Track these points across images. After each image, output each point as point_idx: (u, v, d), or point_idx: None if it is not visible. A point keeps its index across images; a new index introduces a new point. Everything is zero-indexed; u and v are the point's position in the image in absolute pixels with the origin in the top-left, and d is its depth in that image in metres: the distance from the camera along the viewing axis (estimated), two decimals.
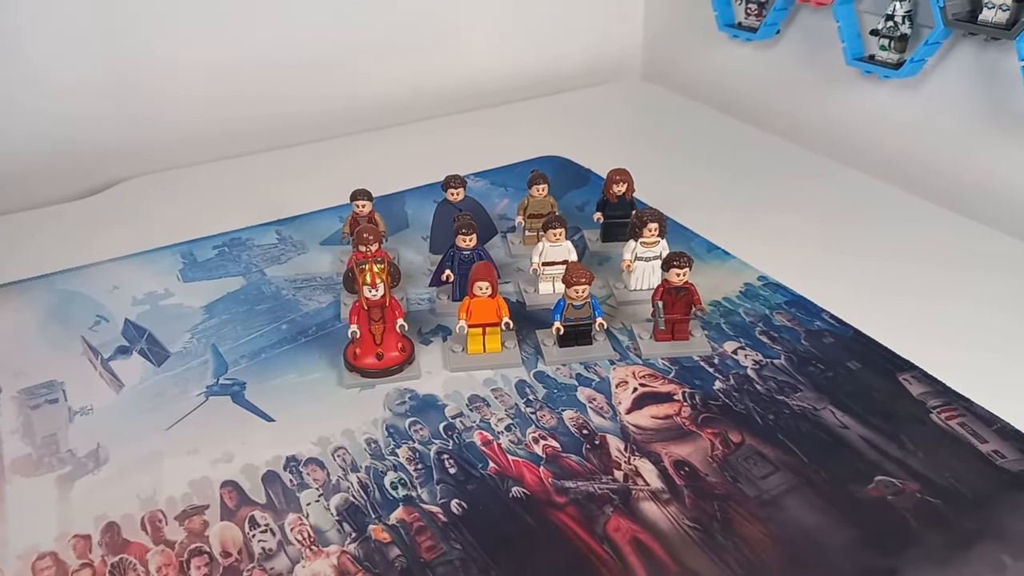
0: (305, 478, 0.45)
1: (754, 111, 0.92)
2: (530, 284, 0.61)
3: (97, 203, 0.76)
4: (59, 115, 0.79)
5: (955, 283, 0.61)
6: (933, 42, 0.70)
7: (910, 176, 0.77)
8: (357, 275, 0.50)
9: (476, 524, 0.42)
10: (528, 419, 0.49)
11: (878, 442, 0.47)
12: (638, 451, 0.46)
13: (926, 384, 0.51)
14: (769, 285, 0.61)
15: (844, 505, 0.43)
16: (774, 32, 0.88)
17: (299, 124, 0.90)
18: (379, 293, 0.50)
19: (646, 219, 0.57)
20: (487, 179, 0.78)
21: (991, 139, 0.71)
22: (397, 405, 0.50)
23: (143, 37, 0.79)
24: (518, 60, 1.01)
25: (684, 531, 0.41)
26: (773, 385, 0.51)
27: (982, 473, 0.44)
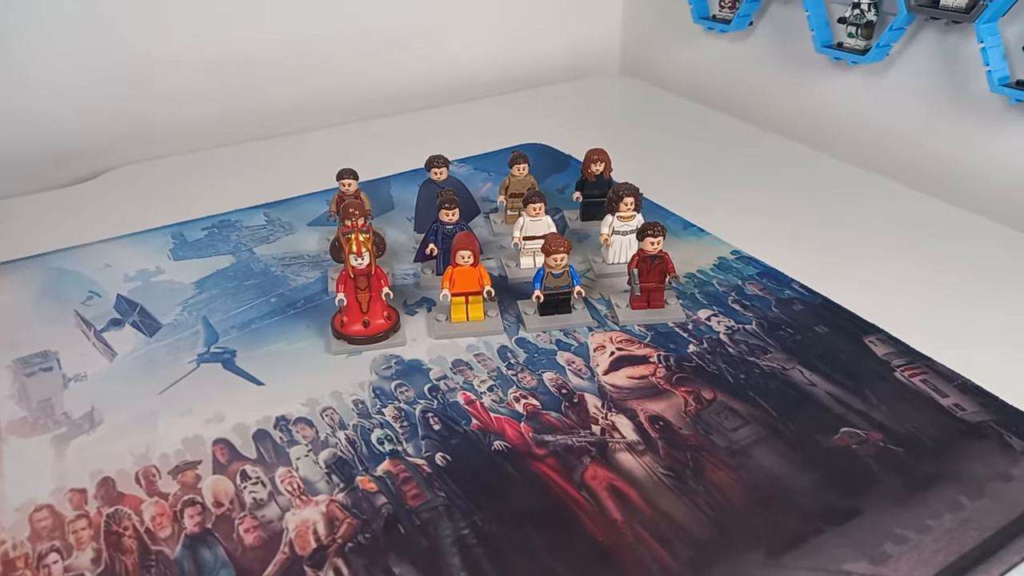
0: (295, 435, 0.46)
1: (729, 100, 0.95)
2: (512, 259, 0.63)
3: (88, 189, 0.77)
4: (52, 108, 0.80)
5: (920, 253, 0.63)
6: (898, 28, 0.73)
7: (876, 156, 0.79)
8: (343, 244, 0.52)
9: (459, 474, 0.44)
10: (510, 380, 0.51)
11: (844, 397, 0.49)
12: (614, 408, 0.48)
13: (890, 345, 0.53)
14: (742, 259, 0.63)
15: (810, 453, 0.45)
16: (747, 24, 0.91)
17: (286, 116, 0.91)
18: (365, 261, 0.52)
19: (622, 193, 0.59)
20: (470, 165, 0.80)
21: (953, 119, 0.74)
22: (383, 369, 0.52)
23: (133, 33, 0.81)
24: (501, 55, 1.04)
25: (658, 478, 0.43)
26: (744, 348, 0.53)
27: (942, 424, 0.47)
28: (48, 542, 0.40)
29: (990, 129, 0.71)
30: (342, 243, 0.52)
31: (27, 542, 0.40)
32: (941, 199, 0.71)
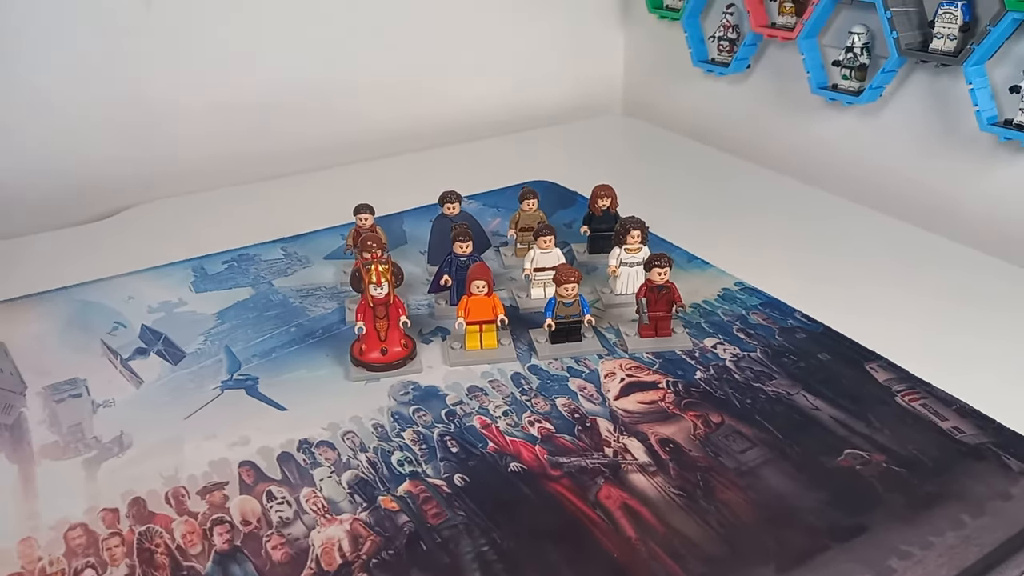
0: (318, 458, 0.48)
1: (729, 139, 0.98)
2: (523, 290, 0.65)
3: (110, 225, 0.80)
4: (75, 149, 0.84)
5: (916, 284, 0.66)
6: (889, 70, 0.76)
7: (871, 192, 0.82)
8: (363, 274, 0.54)
9: (478, 494, 0.45)
10: (524, 405, 0.52)
11: (847, 421, 0.51)
12: (626, 431, 0.50)
13: (891, 372, 0.55)
14: (745, 289, 0.66)
15: (816, 474, 0.46)
16: (745, 66, 0.94)
17: (300, 155, 0.95)
18: (384, 291, 0.54)
19: (629, 226, 0.62)
20: (480, 201, 0.82)
21: (945, 156, 0.77)
22: (401, 395, 0.54)
23: (151, 78, 0.85)
24: (509, 97, 1.07)
25: (670, 498, 0.45)
26: (750, 374, 0.55)
27: (942, 446, 0.48)
28: (83, 559, 0.41)
29: (980, 166, 0.74)
30: (362, 273, 0.55)
31: (63, 559, 0.41)
32: (935, 232, 0.73)
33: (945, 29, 0.70)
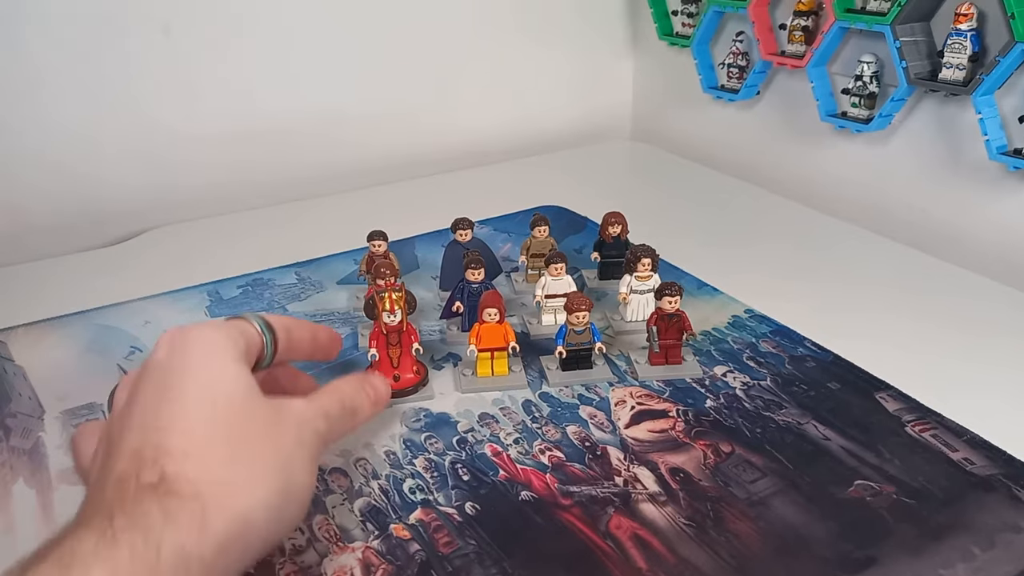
0: (330, 484, 0.48)
1: (738, 165, 0.99)
2: (533, 316, 0.65)
3: (128, 249, 0.81)
4: (93, 175, 0.85)
5: (927, 312, 0.66)
6: (899, 99, 0.77)
7: (881, 220, 0.83)
8: (377, 302, 0.55)
9: (489, 523, 0.46)
10: (535, 433, 0.53)
11: (857, 451, 0.51)
12: (636, 460, 0.50)
13: (901, 401, 0.55)
14: (755, 317, 0.66)
15: (826, 504, 0.47)
16: (754, 93, 0.95)
17: (315, 181, 0.96)
18: (397, 319, 0.55)
19: (639, 254, 0.62)
20: (491, 226, 0.83)
21: (955, 185, 0.77)
22: (413, 422, 0.54)
23: (172, 105, 0.86)
24: (519, 123, 1.09)
25: (680, 528, 0.45)
26: (760, 403, 0.56)
27: (953, 477, 0.48)
28: None
29: (990, 195, 0.74)
30: (375, 300, 0.55)
31: None
32: (945, 260, 0.73)
33: (954, 59, 0.71)
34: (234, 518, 0.33)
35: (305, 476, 0.38)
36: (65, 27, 0.79)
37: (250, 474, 0.35)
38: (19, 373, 0.60)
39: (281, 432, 0.38)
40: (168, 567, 0.30)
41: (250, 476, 0.35)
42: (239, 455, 0.35)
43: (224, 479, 0.34)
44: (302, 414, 0.40)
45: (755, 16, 0.88)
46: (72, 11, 0.78)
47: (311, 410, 0.41)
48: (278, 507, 0.35)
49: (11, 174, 0.81)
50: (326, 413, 0.42)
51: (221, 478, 0.34)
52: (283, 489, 0.36)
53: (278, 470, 0.36)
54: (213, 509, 0.32)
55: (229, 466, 0.34)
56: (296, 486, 0.37)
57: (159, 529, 0.31)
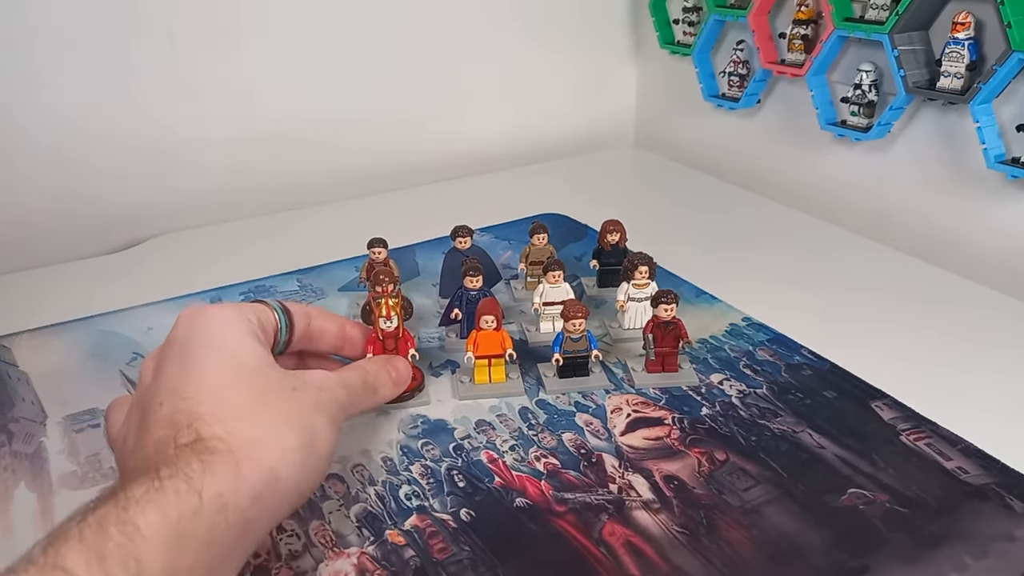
0: (327, 491, 0.49)
1: (738, 173, 0.99)
2: (532, 324, 0.66)
3: (130, 256, 0.82)
4: (97, 181, 0.86)
5: (924, 320, 0.66)
6: (897, 107, 0.77)
7: (880, 227, 0.83)
8: (373, 308, 0.55)
9: (483, 529, 0.46)
10: (531, 440, 0.53)
11: (851, 460, 0.51)
12: (631, 467, 0.51)
13: (896, 410, 0.55)
14: (752, 325, 0.66)
15: (819, 513, 0.47)
16: (755, 102, 0.96)
17: (317, 188, 0.97)
18: (393, 324, 0.55)
19: (636, 262, 0.63)
20: (491, 233, 0.84)
21: (954, 193, 0.77)
22: (410, 429, 0.54)
23: (175, 113, 0.87)
24: (521, 131, 1.09)
25: (673, 535, 0.45)
26: (755, 411, 0.56)
27: (947, 486, 0.49)
28: None
29: (989, 203, 0.74)
30: (372, 306, 0.56)
31: None
32: (944, 268, 0.74)
33: (952, 68, 0.71)
34: (265, 470, 0.36)
35: (326, 435, 0.41)
36: (71, 35, 0.80)
37: (275, 431, 0.38)
38: (23, 378, 0.60)
39: (300, 396, 0.41)
40: (209, 510, 0.34)
41: (275, 433, 0.38)
42: (263, 415, 0.39)
43: (252, 436, 0.37)
44: (322, 382, 0.44)
45: (755, 25, 0.88)
46: (78, 19, 0.79)
47: (331, 380, 0.45)
48: (303, 462, 0.39)
49: (17, 180, 0.82)
50: (346, 384, 0.46)
51: (250, 435, 0.37)
52: (307, 444, 0.39)
53: (300, 429, 0.40)
54: (245, 462, 0.36)
55: (256, 424, 0.38)
56: (319, 443, 0.41)
57: (199, 477, 0.34)
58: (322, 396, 0.43)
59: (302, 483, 0.39)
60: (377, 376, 0.50)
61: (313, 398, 0.42)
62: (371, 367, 0.50)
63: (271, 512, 0.37)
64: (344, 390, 0.45)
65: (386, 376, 0.51)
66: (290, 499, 0.39)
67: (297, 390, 0.42)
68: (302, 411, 0.41)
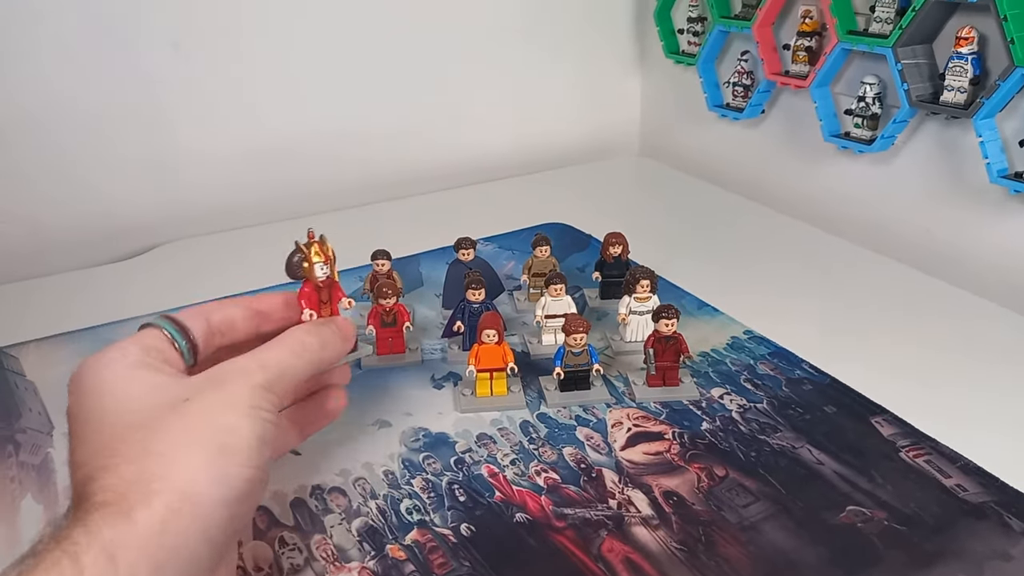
0: (329, 504, 0.49)
1: (742, 183, 0.99)
2: (534, 336, 0.66)
3: (137, 264, 0.83)
4: (104, 189, 0.87)
5: (926, 335, 0.66)
6: (901, 120, 0.77)
7: (883, 240, 0.83)
8: (307, 256, 0.49)
9: (483, 544, 0.46)
10: (531, 454, 0.54)
11: (850, 476, 0.51)
12: (631, 483, 0.51)
13: (896, 426, 0.56)
14: (754, 338, 0.66)
15: (817, 530, 0.47)
16: (759, 112, 0.96)
17: (323, 197, 0.97)
18: (328, 271, 0.49)
19: (638, 276, 0.63)
20: (495, 243, 0.84)
21: (957, 206, 0.77)
22: (412, 442, 0.55)
23: (183, 123, 0.88)
24: (526, 139, 1.10)
25: (672, 552, 0.46)
26: (755, 426, 0.56)
27: (945, 504, 0.49)
28: None
29: (992, 217, 0.74)
30: (305, 255, 0.49)
31: None
32: (946, 282, 0.74)
33: (955, 82, 0.71)
34: (172, 496, 0.34)
35: (245, 430, 0.37)
36: (79, 47, 0.80)
37: (173, 455, 0.35)
38: (30, 388, 0.61)
39: (196, 405, 0.37)
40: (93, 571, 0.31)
41: (173, 457, 0.35)
42: (153, 446, 0.35)
43: (145, 473, 0.34)
44: (228, 375, 0.40)
45: (759, 36, 0.89)
46: (87, 30, 0.80)
47: (243, 364, 0.40)
48: (221, 468, 0.36)
49: (25, 189, 0.83)
50: (263, 364, 0.41)
51: (138, 473, 0.34)
52: (218, 449, 0.36)
53: (204, 438, 0.36)
54: (140, 503, 0.33)
55: (147, 459, 0.35)
56: (236, 441, 0.37)
57: (84, 544, 0.32)
58: (231, 390, 0.39)
59: (233, 488, 0.36)
60: (308, 337, 0.45)
61: (216, 399, 0.38)
62: (299, 332, 0.45)
63: (204, 530, 0.34)
64: (262, 371, 0.40)
65: (327, 332, 0.46)
66: (227, 508, 0.35)
67: (191, 400, 0.37)
68: (203, 419, 0.37)
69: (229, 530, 0.36)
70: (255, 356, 0.41)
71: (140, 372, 0.39)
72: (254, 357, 0.41)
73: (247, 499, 0.37)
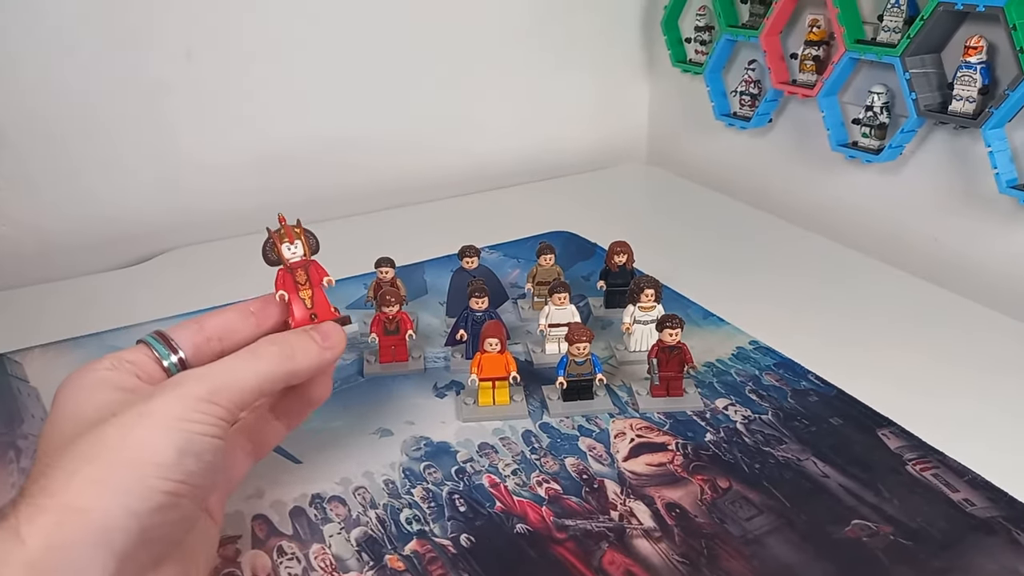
0: (328, 513, 0.49)
1: (749, 192, 0.98)
2: (537, 345, 0.66)
3: (142, 271, 0.83)
4: (113, 198, 0.87)
5: (934, 346, 0.65)
6: (909, 130, 0.77)
7: (891, 250, 0.82)
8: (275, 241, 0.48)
9: (483, 556, 0.46)
10: (533, 465, 0.53)
11: (856, 489, 0.51)
12: (633, 494, 0.50)
13: (903, 439, 0.55)
14: (759, 349, 0.66)
15: (822, 544, 0.46)
16: (766, 121, 0.95)
17: (328, 203, 0.97)
18: (299, 251, 0.48)
19: (643, 285, 0.63)
20: (500, 251, 0.84)
21: (966, 216, 0.77)
22: (413, 451, 0.55)
23: (186, 127, 0.88)
24: (533, 147, 1.09)
25: (674, 565, 0.45)
26: (760, 438, 0.55)
27: (952, 518, 0.48)
28: None
29: (1001, 228, 0.74)
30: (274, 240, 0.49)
31: None
32: (955, 293, 0.73)
33: (964, 91, 0.71)
34: (50, 516, 0.33)
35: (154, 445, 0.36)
36: (88, 53, 0.81)
37: (69, 471, 0.34)
38: (33, 394, 0.61)
39: (118, 419, 0.36)
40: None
41: (68, 473, 0.34)
42: (61, 461, 0.35)
43: (41, 488, 0.34)
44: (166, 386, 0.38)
45: (767, 45, 0.88)
46: (96, 37, 0.81)
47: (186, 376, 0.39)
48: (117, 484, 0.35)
49: (31, 194, 0.84)
50: (202, 374, 0.39)
51: (39, 488, 0.34)
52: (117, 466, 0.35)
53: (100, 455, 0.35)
54: (26, 518, 0.33)
55: (49, 473, 0.35)
56: (141, 460, 0.35)
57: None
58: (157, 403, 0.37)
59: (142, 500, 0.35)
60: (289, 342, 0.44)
61: (136, 412, 0.37)
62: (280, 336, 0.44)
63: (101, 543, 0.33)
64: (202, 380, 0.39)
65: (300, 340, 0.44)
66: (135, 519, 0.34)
67: (117, 415, 0.36)
68: (116, 432, 0.36)
69: (145, 540, 0.35)
70: (207, 367, 0.40)
71: (101, 388, 0.39)
72: (205, 368, 0.40)
73: (167, 511, 0.36)
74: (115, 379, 0.40)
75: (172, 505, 0.36)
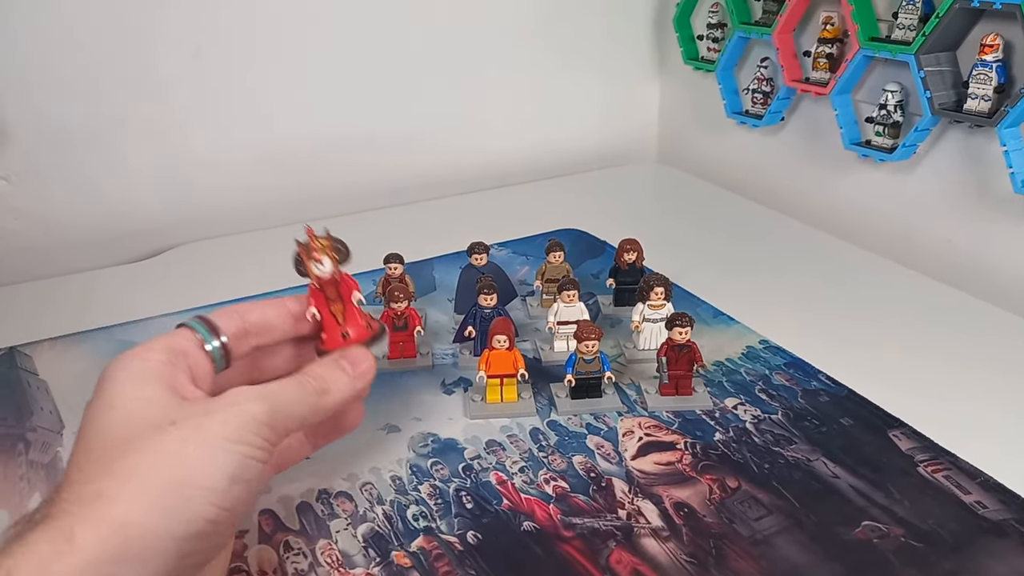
0: (335, 509, 0.49)
1: (761, 191, 0.98)
2: (546, 342, 0.65)
3: (151, 266, 0.83)
4: (121, 193, 0.88)
5: (946, 347, 0.65)
6: (923, 129, 0.76)
7: (904, 250, 0.82)
8: (302, 256, 0.47)
9: (490, 553, 0.46)
10: (540, 462, 0.53)
11: (866, 491, 0.50)
12: (641, 493, 0.50)
13: (914, 440, 0.54)
14: (770, 348, 0.65)
15: (831, 545, 0.46)
16: (778, 119, 0.95)
17: (338, 200, 0.97)
18: (327, 268, 0.46)
19: (652, 283, 0.62)
20: (509, 248, 0.84)
21: (979, 216, 0.76)
22: (420, 447, 0.54)
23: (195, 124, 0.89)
24: (543, 145, 1.09)
25: (682, 565, 0.45)
26: (770, 438, 0.55)
27: (963, 521, 0.48)
28: None
29: (1016, 228, 0.73)
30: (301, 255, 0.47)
31: None
32: (968, 293, 0.72)
33: (979, 90, 0.70)
34: (111, 523, 0.33)
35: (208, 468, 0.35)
36: (98, 50, 0.81)
37: (127, 479, 0.34)
38: (42, 387, 0.61)
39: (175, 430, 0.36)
40: None
41: (121, 482, 0.34)
42: (118, 465, 0.34)
43: (95, 493, 0.33)
44: (227, 404, 0.37)
45: (780, 43, 0.88)
46: (105, 34, 0.81)
47: (244, 394, 0.38)
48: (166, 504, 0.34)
49: (42, 188, 0.84)
50: (261, 395, 0.38)
51: (93, 493, 0.33)
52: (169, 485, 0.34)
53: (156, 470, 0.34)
54: (79, 524, 0.32)
55: (106, 477, 0.34)
56: (192, 482, 0.35)
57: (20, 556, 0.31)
58: (216, 420, 0.36)
59: (185, 524, 0.34)
60: (322, 376, 0.42)
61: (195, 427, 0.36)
62: (317, 368, 0.43)
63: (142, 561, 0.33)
64: (260, 401, 0.38)
65: (338, 373, 0.43)
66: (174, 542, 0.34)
67: (176, 424, 0.36)
68: (174, 447, 0.35)
69: (179, 565, 0.34)
70: (261, 388, 0.39)
71: (150, 381, 0.38)
72: (259, 390, 0.39)
73: (205, 538, 0.35)
74: (166, 374, 0.38)
75: (212, 532, 0.35)
